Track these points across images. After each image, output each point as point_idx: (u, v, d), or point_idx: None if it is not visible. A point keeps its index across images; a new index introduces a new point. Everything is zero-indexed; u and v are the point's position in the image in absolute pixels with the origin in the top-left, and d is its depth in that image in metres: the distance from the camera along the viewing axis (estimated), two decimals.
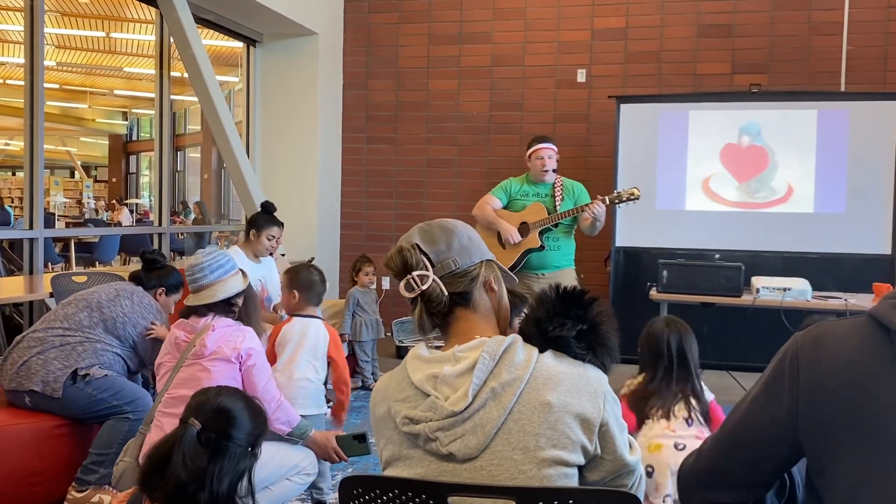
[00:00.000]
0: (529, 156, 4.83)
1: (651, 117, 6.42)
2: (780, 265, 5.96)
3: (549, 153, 4.74)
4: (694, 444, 2.74)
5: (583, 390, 1.37)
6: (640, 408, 2.76)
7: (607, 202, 4.59)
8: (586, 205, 4.58)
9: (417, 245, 1.50)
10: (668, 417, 2.75)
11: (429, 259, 1.49)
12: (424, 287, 1.47)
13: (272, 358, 3.23)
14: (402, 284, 1.48)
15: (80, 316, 3.39)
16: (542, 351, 1.42)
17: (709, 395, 2.81)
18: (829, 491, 1.24)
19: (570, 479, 1.35)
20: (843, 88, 6.50)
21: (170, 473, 1.69)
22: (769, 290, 4.86)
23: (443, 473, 1.35)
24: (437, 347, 1.51)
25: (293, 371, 3.21)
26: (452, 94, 7.34)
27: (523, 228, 4.71)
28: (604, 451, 1.38)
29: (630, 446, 1.45)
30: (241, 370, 2.73)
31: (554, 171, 4.78)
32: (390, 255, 1.52)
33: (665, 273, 5.09)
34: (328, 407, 3.37)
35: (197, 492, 1.69)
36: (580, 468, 1.38)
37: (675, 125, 6.38)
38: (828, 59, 6.58)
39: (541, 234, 4.67)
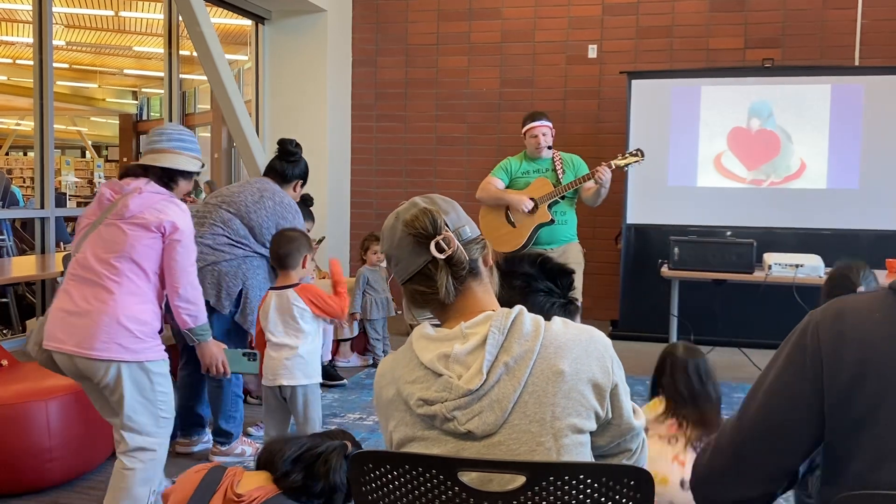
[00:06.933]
0: (524, 133, 4.83)
1: (663, 93, 6.36)
2: (792, 241, 5.92)
3: (543, 130, 4.74)
4: None
5: (592, 355, 1.38)
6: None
7: (612, 167, 4.60)
8: (593, 171, 4.59)
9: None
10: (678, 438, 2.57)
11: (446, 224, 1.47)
12: (454, 249, 1.43)
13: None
14: (432, 245, 1.42)
15: (236, 225, 3.42)
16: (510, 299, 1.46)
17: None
18: (851, 463, 1.23)
19: (585, 447, 1.36)
20: (857, 63, 6.42)
21: (327, 474, 1.82)
22: (781, 266, 4.83)
23: (460, 451, 1.35)
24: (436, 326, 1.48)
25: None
26: (462, 71, 7.29)
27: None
28: (613, 415, 1.40)
29: (634, 411, 1.46)
30: (164, 243, 2.58)
31: (549, 147, 4.78)
32: (414, 215, 1.44)
33: (676, 250, 5.06)
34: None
35: (312, 498, 1.81)
36: (591, 434, 1.39)
37: (687, 101, 6.32)
38: (842, 32, 6.48)
39: (549, 207, 4.69)
